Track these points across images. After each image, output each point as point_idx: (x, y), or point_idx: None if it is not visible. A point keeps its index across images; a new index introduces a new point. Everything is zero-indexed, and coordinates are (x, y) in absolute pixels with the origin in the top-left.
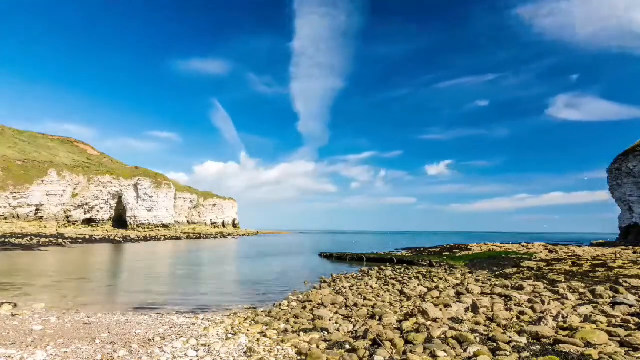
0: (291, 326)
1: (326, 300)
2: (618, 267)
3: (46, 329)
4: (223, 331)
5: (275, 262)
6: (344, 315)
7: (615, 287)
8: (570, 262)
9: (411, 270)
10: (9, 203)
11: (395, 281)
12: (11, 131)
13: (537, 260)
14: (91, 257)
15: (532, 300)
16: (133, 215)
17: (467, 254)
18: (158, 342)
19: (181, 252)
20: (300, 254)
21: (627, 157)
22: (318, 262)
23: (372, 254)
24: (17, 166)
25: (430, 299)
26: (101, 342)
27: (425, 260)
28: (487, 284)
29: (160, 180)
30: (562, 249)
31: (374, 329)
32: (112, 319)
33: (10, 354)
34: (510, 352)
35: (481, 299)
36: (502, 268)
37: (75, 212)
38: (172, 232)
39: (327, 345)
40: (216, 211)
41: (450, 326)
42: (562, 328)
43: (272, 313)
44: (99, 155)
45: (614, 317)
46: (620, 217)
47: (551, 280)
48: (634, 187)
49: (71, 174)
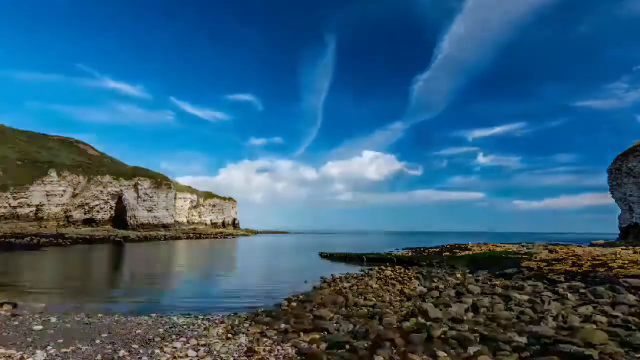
0: (291, 326)
1: (326, 300)
2: (618, 267)
3: (46, 329)
4: (223, 331)
5: (275, 262)
6: (344, 315)
7: (616, 287)
8: (570, 262)
9: (411, 270)
10: (9, 203)
11: (395, 281)
12: (11, 131)
13: (537, 260)
14: (91, 257)
15: (532, 300)
16: (133, 215)
17: (467, 254)
18: (158, 342)
19: (181, 252)
20: (301, 254)
21: (627, 157)
22: (318, 262)
23: (372, 254)
24: (17, 166)
25: (430, 299)
26: (101, 342)
27: (425, 260)
28: (487, 284)
29: (160, 180)
30: (562, 249)
31: (374, 329)
32: (112, 319)
33: (10, 354)
34: (511, 352)
35: (481, 299)
36: (502, 268)
37: (75, 212)
38: (172, 232)
39: (327, 345)
40: (216, 211)
41: (450, 326)
42: (562, 328)
43: (272, 313)
44: (99, 155)
45: (614, 317)
46: (620, 217)
47: (551, 280)
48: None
49: (71, 174)
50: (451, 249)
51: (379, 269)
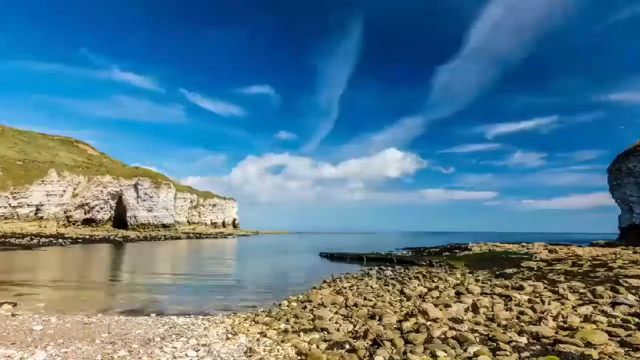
0: (291, 326)
1: (326, 300)
2: (618, 267)
3: (46, 329)
4: (223, 331)
5: (275, 262)
6: (344, 315)
7: (616, 287)
8: (570, 262)
9: (411, 270)
10: (9, 203)
11: (395, 281)
12: (11, 131)
13: (537, 260)
14: (91, 257)
15: (532, 300)
16: (133, 215)
17: (467, 254)
18: (158, 342)
19: (181, 252)
20: (301, 254)
21: (627, 157)
22: (318, 262)
23: (372, 254)
24: (17, 166)
25: (430, 299)
26: (101, 342)
27: (425, 260)
28: (487, 284)
29: (160, 180)
30: (562, 249)
31: (374, 329)
32: (112, 318)
33: (10, 354)
34: (511, 352)
35: (481, 299)
36: (502, 268)
37: (75, 212)
38: (172, 232)
39: (327, 345)
40: (216, 211)
41: (450, 326)
42: (562, 328)
43: (272, 313)
44: (99, 155)
45: (614, 317)
46: (620, 217)
47: (551, 280)
48: (634, 187)
49: (71, 174)
50: (451, 249)
51: (379, 268)
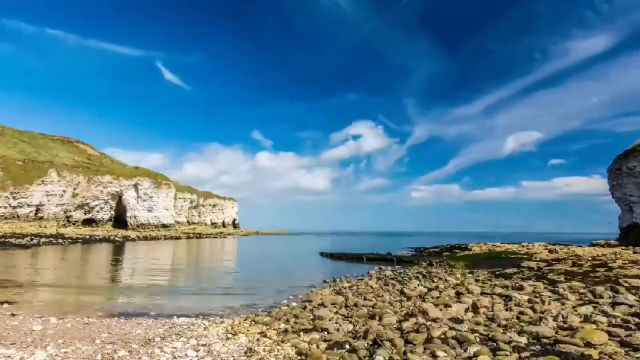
0: (291, 326)
1: (326, 300)
2: (618, 267)
3: (46, 329)
4: (223, 331)
5: (275, 262)
6: (344, 315)
7: (616, 287)
8: (570, 262)
9: (411, 270)
10: (9, 203)
11: (395, 281)
12: (11, 131)
13: (537, 260)
14: (91, 257)
15: (532, 300)
16: (133, 215)
17: (467, 254)
18: (158, 342)
19: (181, 252)
20: (301, 254)
21: (627, 157)
22: (318, 262)
23: (372, 254)
24: (17, 166)
25: (430, 299)
26: (101, 342)
27: (425, 260)
28: (487, 284)
29: (160, 180)
30: (562, 249)
31: (374, 329)
32: (112, 319)
33: (10, 354)
34: (510, 352)
35: (481, 299)
36: (502, 268)
37: (75, 212)
38: (172, 232)
39: (327, 345)
40: (216, 211)
41: (450, 326)
42: (562, 328)
43: (272, 313)
44: (99, 155)
45: (614, 317)
46: (621, 217)
47: (551, 280)
48: (634, 187)
49: (71, 174)
50: (451, 249)
51: (379, 268)
